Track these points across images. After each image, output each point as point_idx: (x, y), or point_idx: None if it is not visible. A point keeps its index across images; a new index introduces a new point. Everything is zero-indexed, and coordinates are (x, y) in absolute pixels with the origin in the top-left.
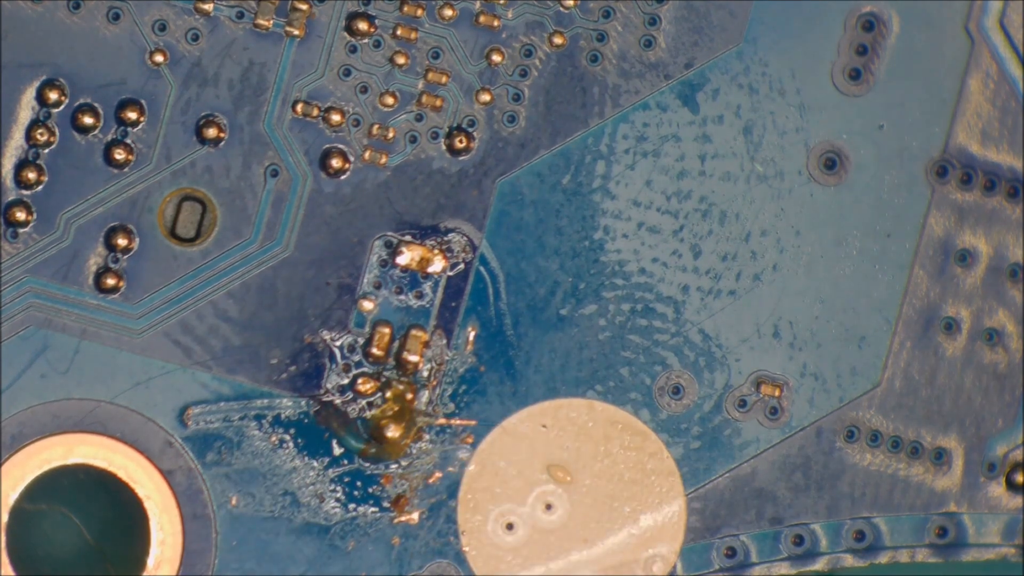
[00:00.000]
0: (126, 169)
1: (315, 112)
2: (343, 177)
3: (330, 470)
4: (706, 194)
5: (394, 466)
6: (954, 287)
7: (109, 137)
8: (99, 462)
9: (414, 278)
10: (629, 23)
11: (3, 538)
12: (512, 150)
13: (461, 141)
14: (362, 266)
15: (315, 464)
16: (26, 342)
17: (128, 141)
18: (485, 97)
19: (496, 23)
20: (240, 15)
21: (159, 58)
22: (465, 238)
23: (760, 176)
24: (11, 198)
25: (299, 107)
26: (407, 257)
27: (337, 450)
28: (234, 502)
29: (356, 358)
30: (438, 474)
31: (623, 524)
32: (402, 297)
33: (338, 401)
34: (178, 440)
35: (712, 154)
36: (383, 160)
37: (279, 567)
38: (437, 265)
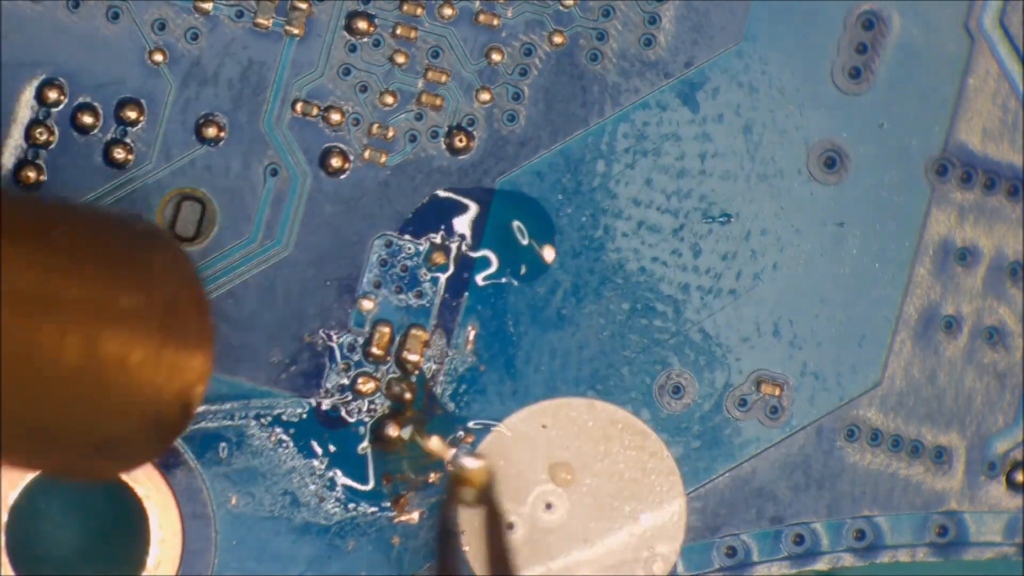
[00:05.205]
0: (126, 168)
1: (315, 111)
2: (343, 176)
3: (330, 470)
4: (706, 193)
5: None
6: (954, 286)
7: (109, 136)
8: None
9: (414, 277)
10: (629, 22)
11: (3, 538)
12: (512, 149)
13: (461, 140)
14: (362, 265)
15: (315, 464)
16: None
17: (128, 140)
18: (485, 96)
19: (496, 22)
20: (240, 14)
21: (158, 57)
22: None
23: (760, 175)
24: None
25: (299, 106)
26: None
27: (336, 449)
28: (234, 501)
29: (356, 357)
30: (438, 474)
31: (623, 524)
32: (402, 296)
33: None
34: (178, 440)
35: (712, 153)
36: (383, 159)
37: (279, 567)
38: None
